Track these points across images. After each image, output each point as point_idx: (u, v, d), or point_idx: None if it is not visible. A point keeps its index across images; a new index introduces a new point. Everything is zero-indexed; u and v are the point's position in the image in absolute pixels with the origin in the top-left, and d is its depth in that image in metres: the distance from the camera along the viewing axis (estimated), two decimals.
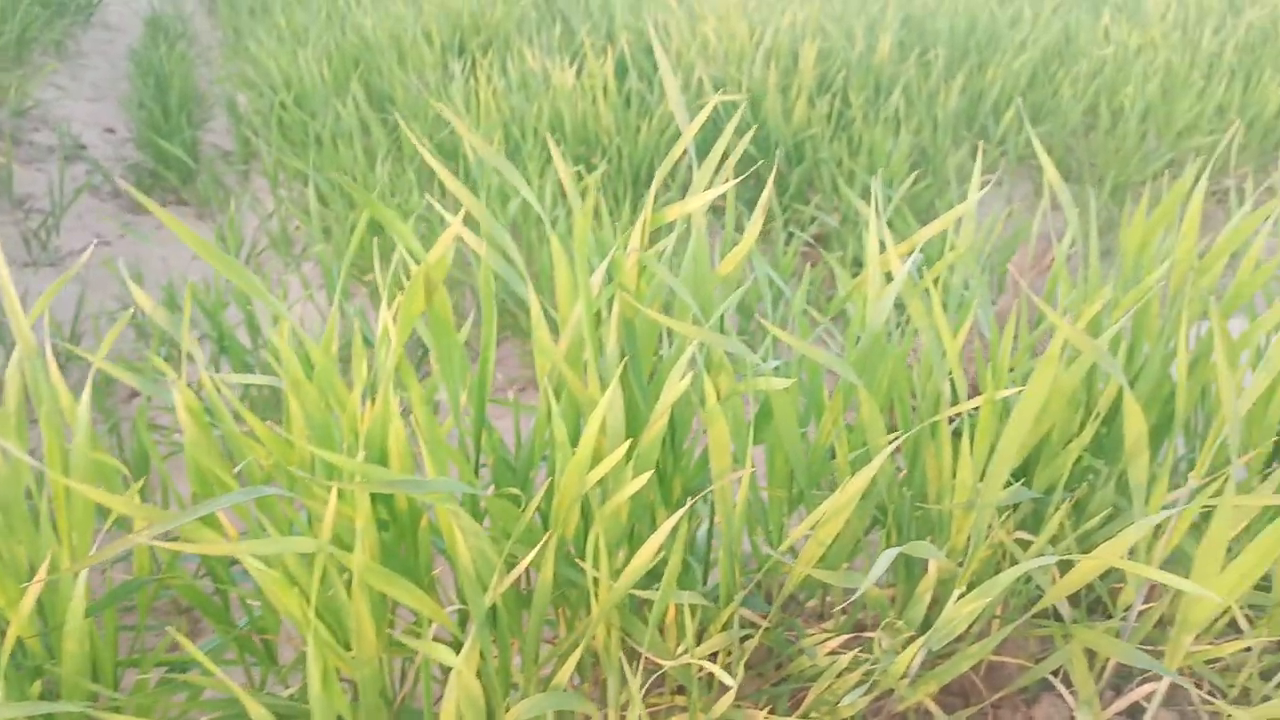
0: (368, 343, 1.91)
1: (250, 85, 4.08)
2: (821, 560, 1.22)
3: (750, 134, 1.15)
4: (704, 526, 1.28)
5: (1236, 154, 3.78)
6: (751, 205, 3.28)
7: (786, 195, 3.12)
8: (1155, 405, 1.14)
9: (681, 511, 0.89)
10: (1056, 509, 1.10)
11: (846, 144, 3.24)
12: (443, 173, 1.00)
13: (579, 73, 3.49)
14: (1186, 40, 4.08)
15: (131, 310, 1.25)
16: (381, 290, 1.02)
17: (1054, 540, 1.24)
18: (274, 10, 4.73)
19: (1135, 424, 0.91)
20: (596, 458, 0.97)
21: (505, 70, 3.45)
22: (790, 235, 2.97)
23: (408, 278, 1.34)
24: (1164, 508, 1.04)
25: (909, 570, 1.18)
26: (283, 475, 1.01)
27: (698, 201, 1.03)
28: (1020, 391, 0.88)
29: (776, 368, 1.23)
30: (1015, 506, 1.22)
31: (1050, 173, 1.28)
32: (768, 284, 1.50)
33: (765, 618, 1.21)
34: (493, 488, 1.08)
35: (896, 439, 0.99)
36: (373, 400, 0.99)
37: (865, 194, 3.08)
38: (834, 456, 1.13)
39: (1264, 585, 1.29)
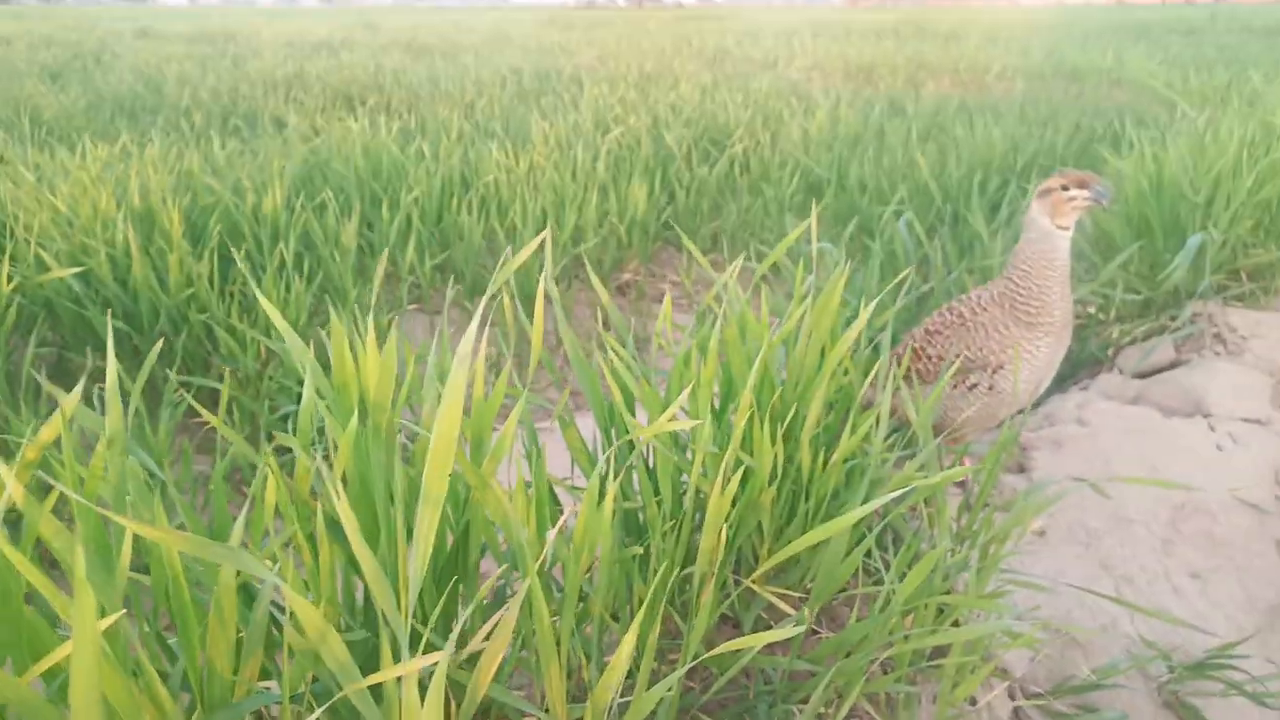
0: None
1: None
2: None
3: None
4: None
5: (623, 251, 4.26)
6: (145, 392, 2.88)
7: (175, 366, 2.80)
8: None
9: None
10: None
11: (240, 299, 3.02)
12: None
13: None
14: (565, 159, 4.55)
15: None
16: None
17: None
18: None
19: (311, 619, 0.78)
20: None
21: None
22: (172, 411, 2.64)
23: None
24: None
25: None
26: None
27: None
28: None
29: None
30: None
31: None
32: None
33: None
34: None
35: None
36: None
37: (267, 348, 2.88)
38: None
39: None
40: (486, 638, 0.95)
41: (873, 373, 1.53)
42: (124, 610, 0.70)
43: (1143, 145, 3.63)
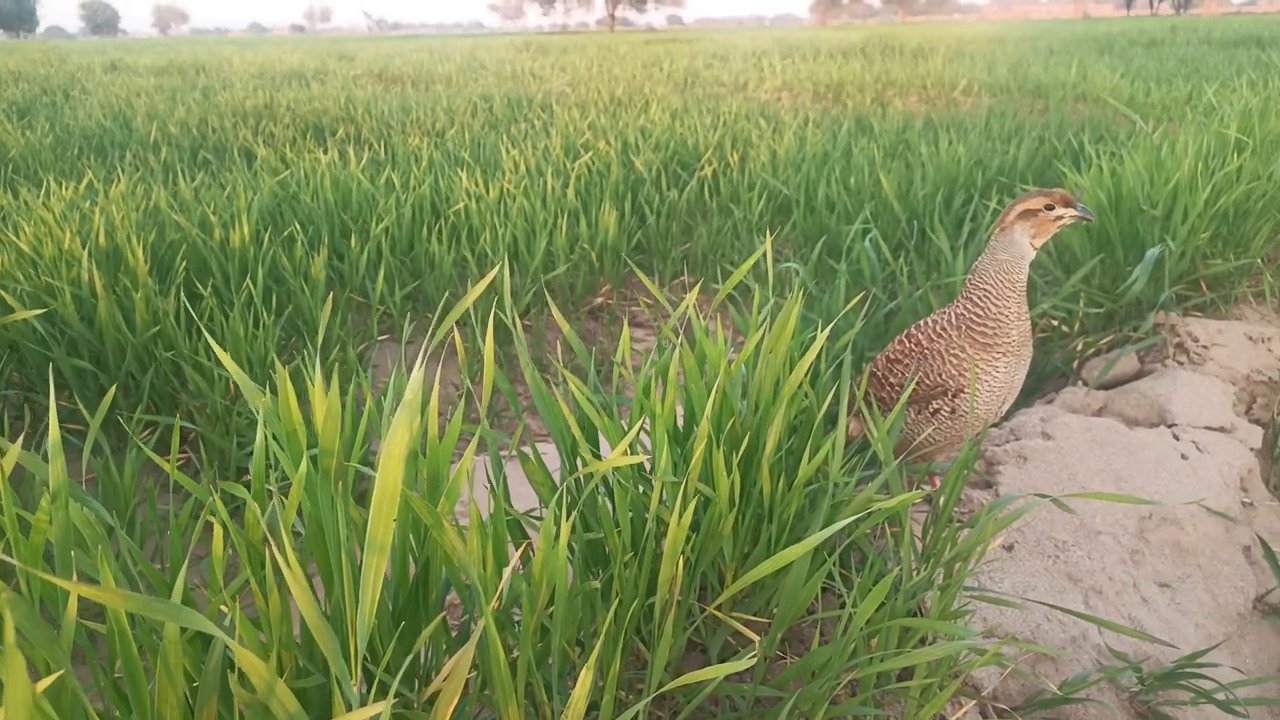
0: None
1: None
2: None
3: None
4: None
5: (595, 276, 4.27)
6: (110, 431, 2.85)
7: (141, 406, 2.77)
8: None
9: None
10: None
11: (208, 336, 3.00)
12: None
13: None
14: (536, 186, 4.57)
15: None
16: None
17: None
18: None
19: (256, 671, 0.78)
20: None
21: None
22: (137, 452, 2.61)
23: None
24: None
25: None
26: None
27: None
28: None
29: None
30: None
31: None
32: None
33: None
34: None
35: None
36: None
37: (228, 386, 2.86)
38: None
39: None
40: (445, 679, 0.94)
41: (829, 396, 1.54)
42: (63, 670, 0.69)
43: (1100, 160, 3.68)
